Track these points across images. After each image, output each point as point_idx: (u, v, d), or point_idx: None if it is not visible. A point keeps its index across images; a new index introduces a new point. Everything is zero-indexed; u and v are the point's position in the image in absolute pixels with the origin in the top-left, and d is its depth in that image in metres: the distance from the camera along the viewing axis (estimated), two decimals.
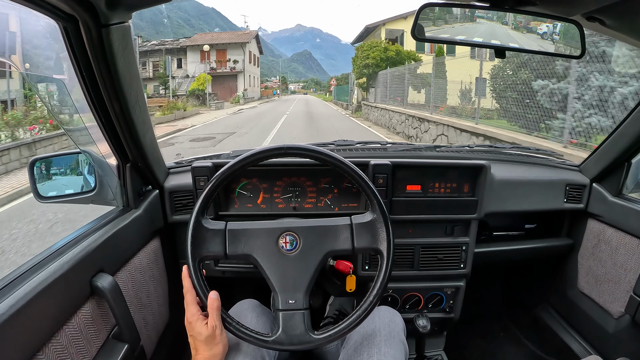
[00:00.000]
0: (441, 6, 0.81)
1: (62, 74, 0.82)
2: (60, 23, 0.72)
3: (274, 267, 0.79)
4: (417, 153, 1.43)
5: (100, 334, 0.83)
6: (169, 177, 1.23)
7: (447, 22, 0.83)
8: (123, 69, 0.80)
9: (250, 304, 0.98)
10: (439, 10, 0.81)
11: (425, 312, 1.25)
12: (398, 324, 0.96)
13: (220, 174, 0.79)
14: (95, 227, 0.92)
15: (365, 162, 1.14)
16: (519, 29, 0.84)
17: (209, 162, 1.12)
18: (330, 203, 1.19)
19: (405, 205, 1.19)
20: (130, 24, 0.78)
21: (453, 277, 1.28)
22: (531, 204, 1.37)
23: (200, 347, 0.75)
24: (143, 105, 0.92)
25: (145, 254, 1.06)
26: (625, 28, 0.83)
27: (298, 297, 0.78)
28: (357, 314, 0.78)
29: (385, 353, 0.84)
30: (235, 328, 0.77)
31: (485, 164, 1.18)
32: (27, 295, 0.65)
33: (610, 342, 1.31)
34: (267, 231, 0.81)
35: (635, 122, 1.18)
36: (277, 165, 1.15)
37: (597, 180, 1.41)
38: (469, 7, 0.83)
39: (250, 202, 1.19)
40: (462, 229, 1.26)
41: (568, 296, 1.51)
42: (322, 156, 0.81)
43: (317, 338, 0.77)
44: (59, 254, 0.78)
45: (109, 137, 0.93)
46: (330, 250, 0.81)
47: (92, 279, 0.81)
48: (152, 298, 1.08)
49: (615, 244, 1.30)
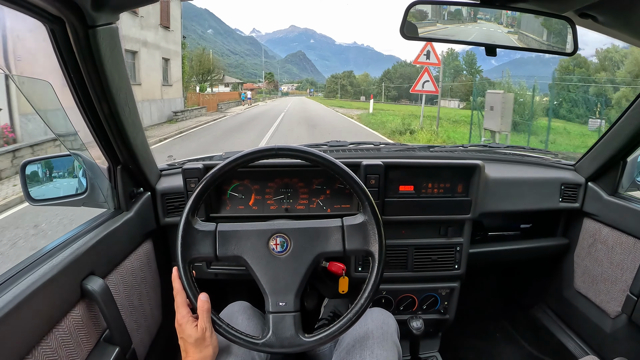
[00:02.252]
0: (430, 4, 0.81)
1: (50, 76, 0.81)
2: (47, 25, 0.72)
3: (265, 269, 0.79)
4: (411, 153, 1.42)
5: (91, 337, 0.82)
6: (161, 179, 1.22)
7: (437, 20, 0.83)
8: (111, 71, 0.79)
9: (241, 306, 0.98)
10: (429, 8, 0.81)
11: (420, 314, 1.25)
12: (391, 325, 0.95)
13: (210, 175, 0.79)
14: (86, 230, 0.92)
15: (357, 163, 1.14)
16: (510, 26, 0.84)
17: (200, 164, 1.11)
18: (323, 204, 1.19)
19: (398, 206, 1.18)
20: (117, 25, 0.77)
21: (447, 278, 1.28)
22: (526, 203, 1.37)
23: (190, 350, 0.74)
24: (133, 107, 0.92)
25: (137, 257, 1.06)
26: (618, 24, 0.83)
27: (289, 299, 0.78)
28: (349, 316, 0.77)
29: (378, 355, 0.84)
30: (225, 330, 0.76)
31: (479, 163, 1.17)
32: (16, 298, 0.64)
33: (607, 341, 1.30)
34: (257, 233, 0.80)
35: (630, 120, 1.17)
36: (268, 167, 1.15)
37: (592, 179, 1.40)
38: (460, 5, 0.83)
39: (241, 204, 1.18)
40: (456, 229, 1.25)
41: (564, 296, 1.51)
42: (312, 157, 0.80)
43: (308, 341, 0.76)
44: (48, 257, 0.78)
45: (99, 139, 0.93)
46: (321, 252, 0.81)
47: (83, 281, 0.81)
48: (144, 301, 1.08)
49: (612, 243, 1.30)
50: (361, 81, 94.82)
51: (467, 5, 0.82)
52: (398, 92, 69.80)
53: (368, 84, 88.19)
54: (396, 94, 69.49)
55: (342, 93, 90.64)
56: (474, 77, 51.62)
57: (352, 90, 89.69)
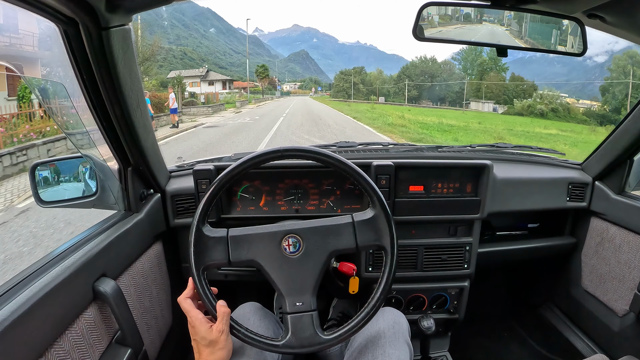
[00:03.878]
0: (442, 5, 0.81)
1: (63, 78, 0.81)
2: (61, 26, 0.72)
3: (279, 270, 0.79)
4: (420, 154, 1.43)
5: (103, 339, 0.82)
6: (171, 180, 1.22)
7: (449, 22, 0.83)
8: (124, 72, 0.79)
9: (253, 307, 0.97)
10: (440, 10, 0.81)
11: (430, 313, 1.25)
12: (402, 325, 0.95)
13: (218, 180, 0.78)
14: (97, 232, 0.92)
15: (367, 164, 1.14)
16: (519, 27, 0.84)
17: (210, 165, 1.11)
18: (333, 205, 1.19)
19: (408, 206, 1.18)
20: (130, 26, 0.77)
21: (457, 277, 1.28)
22: (534, 203, 1.37)
23: (204, 351, 0.74)
24: (144, 109, 0.92)
25: (148, 258, 1.06)
26: (626, 25, 0.84)
27: (305, 299, 0.78)
28: (366, 311, 0.77)
29: (390, 354, 0.84)
30: (243, 334, 0.76)
31: (488, 163, 1.18)
32: (30, 300, 0.64)
33: (616, 340, 1.30)
34: (269, 235, 0.80)
35: (637, 119, 1.17)
36: (279, 168, 1.15)
37: (599, 179, 1.41)
38: (470, 6, 0.83)
39: (252, 205, 1.18)
40: (465, 229, 1.25)
41: (572, 295, 1.51)
42: (323, 157, 0.80)
43: (327, 339, 0.76)
44: (61, 259, 0.78)
45: (110, 141, 0.93)
46: (334, 250, 0.80)
47: (95, 283, 0.81)
48: (155, 302, 1.08)
49: (619, 242, 1.30)
50: (374, 79, 76.99)
51: (477, 6, 0.83)
52: (419, 91, 59.11)
53: (382, 82, 73.35)
54: (417, 94, 58.62)
55: (352, 93, 72.32)
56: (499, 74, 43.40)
57: (364, 89, 73.70)
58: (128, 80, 0.82)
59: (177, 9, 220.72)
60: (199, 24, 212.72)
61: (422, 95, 58.35)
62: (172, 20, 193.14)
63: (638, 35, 0.88)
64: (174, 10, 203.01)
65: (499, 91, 36.47)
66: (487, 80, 40.98)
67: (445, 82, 55.58)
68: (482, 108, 36.73)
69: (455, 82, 51.87)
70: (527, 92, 35.55)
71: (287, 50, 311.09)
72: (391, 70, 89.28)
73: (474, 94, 43.15)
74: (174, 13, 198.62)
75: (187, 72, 47.53)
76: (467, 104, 41.81)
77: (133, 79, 0.83)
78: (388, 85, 69.58)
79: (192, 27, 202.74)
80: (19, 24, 8.54)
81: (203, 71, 48.24)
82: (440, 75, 59.64)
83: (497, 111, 33.74)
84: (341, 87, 76.83)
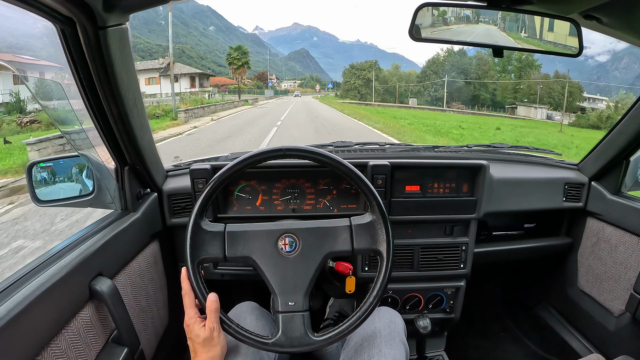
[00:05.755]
0: (438, 6, 0.81)
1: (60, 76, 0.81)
2: (57, 25, 0.72)
3: (273, 269, 0.79)
4: (416, 154, 1.43)
5: (100, 338, 0.82)
6: (167, 179, 1.22)
7: (445, 22, 0.83)
8: (121, 72, 0.79)
9: (249, 307, 0.98)
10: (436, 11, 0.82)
11: (426, 313, 1.25)
12: (398, 324, 0.95)
13: (218, 176, 0.79)
14: (94, 231, 0.92)
15: (364, 163, 1.14)
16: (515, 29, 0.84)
17: (207, 165, 1.12)
18: (329, 204, 1.19)
19: (405, 205, 1.19)
20: (127, 26, 0.77)
21: (453, 277, 1.28)
22: (530, 203, 1.38)
23: (199, 350, 0.74)
24: (141, 108, 0.92)
25: (144, 257, 1.06)
26: (623, 26, 0.84)
27: (298, 299, 0.78)
28: (357, 315, 0.78)
29: (386, 354, 0.84)
30: (234, 330, 0.76)
31: (484, 163, 1.18)
32: (26, 299, 0.64)
33: (611, 340, 1.31)
34: (266, 233, 0.81)
35: (633, 120, 1.18)
36: (275, 167, 1.15)
37: (595, 179, 1.41)
38: (467, 7, 0.83)
39: (249, 205, 1.18)
40: (461, 229, 1.26)
41: (568, 295, 1.52)
42: (320, 157, 0.81)
43: (317, 340, 0.77)
44: (57, 258, 0.78)
45: (107, 140, 0.93)
46: (329, 252, 0.81)
47: (91, 282, 0.81)
48: (152, 301, 1.08)
49: (615, 242, 1.30)
50: (389, 75, 64.77)
51: (473, 7, 0.83)
52: (449, 91, 49.81)
53: (398, 79, 62.29)
54: (448, 95, 49.35)
55: (366, 92, 61.70)
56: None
57: (380, 88, 62.40)
58: (125, 80, 0.82)
59: (176, 7, 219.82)
60: (198, 21, 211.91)
61: (453, 97, 49.35)
62: (172, 19, 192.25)
63: (634, 36, 0.88)
64: (174, 8, 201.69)
65: (543, 93, 29.85)
66: (530, 80, 34.19)
67: (481, 80, 46.25)
68: (533, 115, 30.60)
69: (503, 79, 42.44)
70: (574, 96, 29.44)
71: (287, 48, 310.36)
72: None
73: (511, 95, 37.06)
74: (173, 11, 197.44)
75: (142, 65, 37.75)
76: (513, 109, 34.87)
77: (130, 78, 0.83)
78: (411, 84, 59.56)
79: (192, 25, 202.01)
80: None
81: (163, 63, 34.86)
82: (475, 72, 50.05)
83: (553, 119, 27.39)
84: (352, 85, 64.16)
